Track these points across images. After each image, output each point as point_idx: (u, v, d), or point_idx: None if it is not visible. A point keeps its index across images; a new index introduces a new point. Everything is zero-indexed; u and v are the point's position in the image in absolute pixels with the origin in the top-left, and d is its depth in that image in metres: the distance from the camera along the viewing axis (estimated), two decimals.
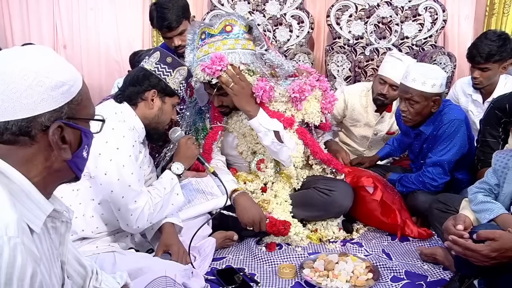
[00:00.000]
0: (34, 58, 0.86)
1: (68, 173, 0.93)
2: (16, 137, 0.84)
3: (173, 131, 1.97)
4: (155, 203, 1.75)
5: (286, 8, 3.61)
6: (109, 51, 4.02)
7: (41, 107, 0.84)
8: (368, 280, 1.77)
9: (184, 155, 1.91)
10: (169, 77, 1.82)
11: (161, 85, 1.81)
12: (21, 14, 3.96)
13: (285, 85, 2.14)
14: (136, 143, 1.75)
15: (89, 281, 1.14)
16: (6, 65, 0.84)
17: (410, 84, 2.17)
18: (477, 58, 2.51)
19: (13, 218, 0.78)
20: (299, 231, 2.11)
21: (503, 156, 1.59)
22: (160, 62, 1.82)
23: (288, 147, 2.10)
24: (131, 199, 1.67)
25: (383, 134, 2.89)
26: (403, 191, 2.39)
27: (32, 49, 0.89)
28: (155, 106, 1.81)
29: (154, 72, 1.80)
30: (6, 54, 0.87)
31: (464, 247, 1.45)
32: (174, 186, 1.84)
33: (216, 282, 1.78)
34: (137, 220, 1.70)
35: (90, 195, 1.70)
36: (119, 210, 1.68)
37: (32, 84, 0.83)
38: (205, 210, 2.08)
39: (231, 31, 1.98)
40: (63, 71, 0.87)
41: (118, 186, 1.65)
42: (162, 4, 2.46)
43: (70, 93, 0.88)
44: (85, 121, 0.93)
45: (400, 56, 2.71)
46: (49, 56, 0.88)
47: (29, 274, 0.77)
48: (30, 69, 0.84)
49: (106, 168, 1.63)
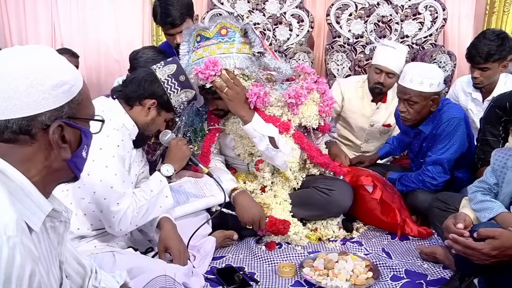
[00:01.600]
0: (36, 57, 0.86)
1: (67, 173, 0.93)
2: (16, 136, 0.84)
3: (163, 133, 1.94)
4: (139, 206, 1.71)
5: (286, 7, 3.61)
6: (108, 50, 4.01)
7: (42, 106, 0.84)
8: (368, 279, 1.77)
9: (175, 157, 1.87)
10: (174, 94, 1.80)
11: (164, 99, 1.79)
12: (18, 13, 3.94)
13: (281, 89, 2.12)
14: (124, 142, 1.71)
15: (88, 280, 1.14)
16: (8, 64, 0.84)
17: (408, 84, 2.16)
18: (477, 58, 2.50)
19: (12, 217, 0.78)
20: (298, 231, 2.11)
21: (502, 155, 1.59)
22: (172, 77, 1.80)
23: (284, 153, 2.07)
24: (114, 201, 1.64)
25: (380, 125, 2.90)
26: (403, 190, 2.38)
27: (33, 48, 0.89)
28: (149, 116, 1.79)
29: (162, 84, 1.78)
30: (8, 53, 0.87)
31: (464, 245, 1.45)
32: (163, 189, 1.80)
33: (216, 281, 1.78)
34: (120, 222, 1.67)
35: (80, 195, 1.67)
36: (101, 212, 1.66)
37: (33, 83, 0.83)
38: (203, 207, 2.06)
39: (226, 34, 1.96)
40: (64, 70, 0.88)
41: (101, 187, 1.62)
42: (166, 0, 2.45)
43: (71, 93, 0.88)
44: (85, 121, 0.93)
45: (392, 43, 2.81)
46: (51, 56, 0.89)
47: (28, 274, 0.77)
48: (31, 68, 0.84)
49: (89, 169, 1.56)
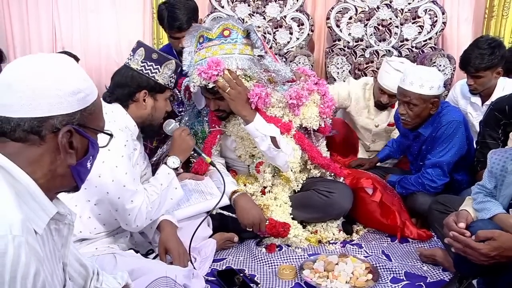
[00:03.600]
0: (57, 64, 0.90)
1: (70, 181, 0.95)
2: (26, 135, 0.86)
3: (167, 123, 1.95)
4: (152, 200, 1.74)
5: (286, 11, 3.62)
6: (109, 53, 4.02)
7: (56, 109, 0.87)
8: (367, 281, 1.77)
9: (179, 148, 1.89)
10: (158, 74, 1.78)
11: (151, 84, 1.78)
12: (21, 16, 3.95)
13: (282, 90, 2.13)
14: (129, 142, 1.73)
15: (90, 282, 1.15)
16: (29, 66, 0.88)
17: (408, 87, 2.18)
18: (468, 68, 2.57)
19: (18, 217, 0.79)
20: (298, 233, 2.11)
21: (499, 158, 1.58)
22: (146, 60, 1.77)
23: (285, 153, 2.09)
24: (127, 199, 1.67)
25: (385, 125, 2.91)
26: (403, 192, 2.39)
27: (55, 56, 0.94)
28: (148, 106, 1.80)
29: (141, 72, 1.77)
30: (30, 58, 0.91)
31: (464, 244, 1.45)
32: (172, 181, 1.82)
33: (216, 283, 1.79)
34: (136, 219, 1.70)
35: (85, 197, 1.69)
36: (117, 211, 1.68)
37: (51, 86, 0.86)
38: (203, 210, 2.07)
39: (229, 35, 1.97)
40: (82, 80, 0.92)
41: (113, 187, 1.64)
42: (173, 4, 2.44)
43: (85, 102, 0.91)
44: (94, 132, 0.96)
45: (399, 65, 2.61)
46: (71, 65, 0.93)
47: (33, 273, 0.78)
48: (51, 72, 0.88)
49: (99, 170, 1.60)
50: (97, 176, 1.62)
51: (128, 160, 1.71)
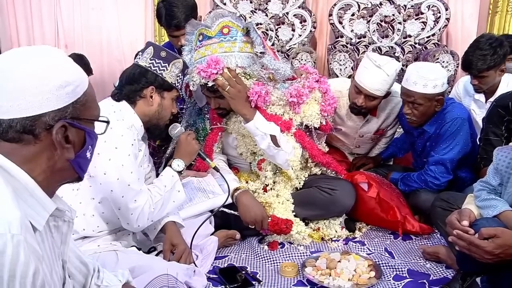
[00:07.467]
0: (41, 58, 0.87)
1: (71, 173, 0.94)
2: (20, 135, 0.84)
3: (173, 127, 1.96)
4: (155, 201, 1.75)
5: (288, 7, 3.61)
6: (111, 50, 4.03)
7: (45, 106, 0.85)
8: (370, 279, 1.77)
9: (184, 151, 1.90)
10: (165, 72, 1.80)
11: (159, 81, 1.79)
12: (26, 14, 3.98)
13: (283, 88, 2.12)
14: (135, 142, 1.74)
15: (90, 279, 1.15)
16: (14, 64, 0.85)
17: (412, 87, 2.16)
18: (471, 70, 2.54)
19: (16, 215, 0.79)
20: (301, 230, 2.11)
21: (505, 155, 1.57)
22: (155, 57, 1.80)
23: (285, 151, 2.08)
24: (131, 198, 1.67)
25: (370, 135, 2.66)
26: (406, 190, 2.38)
27: (39, 49, 0.90)
28: (155, 103, 1.80)
29: (149, 68, 1.79)
30: (14, 53, 0.88)
31: (468, 242, 1.44)
32: (175, 183, 1.84)
33: (218, 281, 1.79)
34: (138, 219, 1.71)
35: (90, 194, 1.70)
36: (119, 209, 1.69)
37: (38, 83, 0.84)
38: (206, 209, 2.08)
39: (228, 33, 1.95)
40: (69, 71, 0.88)
41: (118, 185, 1.65)
42: (171, 1, 2.43)
43: (75, 94, 0.88)
44: (90, 121, 0.94)
45: (380, 60, 2.29)
46: (56, 57, 0.89)
47: (32, 272, 0.77)
48: (36, 68, 0.85)
49: (105, 168, 1.62)
50: (103, 173, 1.63)
51: (134, 159, 1.71)
